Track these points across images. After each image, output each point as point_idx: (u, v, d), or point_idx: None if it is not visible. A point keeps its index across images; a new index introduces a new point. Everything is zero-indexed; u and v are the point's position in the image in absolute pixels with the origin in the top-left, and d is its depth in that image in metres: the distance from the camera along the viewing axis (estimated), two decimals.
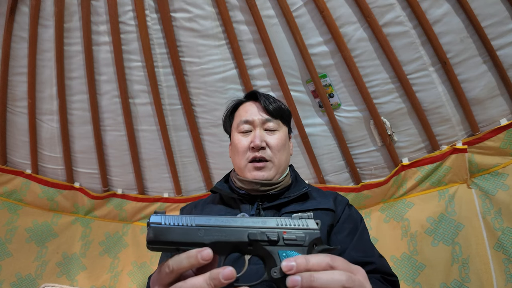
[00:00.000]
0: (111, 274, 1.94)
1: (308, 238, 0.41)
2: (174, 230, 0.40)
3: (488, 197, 1.43)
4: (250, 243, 0.41)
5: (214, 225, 0.41)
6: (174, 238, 0.40)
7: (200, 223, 0.41)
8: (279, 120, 0.88)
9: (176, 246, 0.40)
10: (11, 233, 1.86)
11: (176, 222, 0.41)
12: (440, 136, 1.60)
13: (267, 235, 0.41)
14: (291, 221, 0.43)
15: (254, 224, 0.42)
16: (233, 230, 0.41)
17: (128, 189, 2.11)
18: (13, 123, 1.93)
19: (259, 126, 0.86)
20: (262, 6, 1.59)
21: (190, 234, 0.40)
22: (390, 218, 1.65)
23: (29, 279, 1.82)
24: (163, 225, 0.40)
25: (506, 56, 1.40)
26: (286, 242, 0.41)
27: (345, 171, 1.82)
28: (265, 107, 0.86)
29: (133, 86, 1.84)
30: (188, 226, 0.41)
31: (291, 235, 0.41)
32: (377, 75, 1.59)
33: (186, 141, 1.96)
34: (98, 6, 1.67)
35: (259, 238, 0.41)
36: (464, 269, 1.39)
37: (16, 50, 1.76)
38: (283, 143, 0.86)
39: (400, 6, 1.46)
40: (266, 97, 0.89)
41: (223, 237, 0.40)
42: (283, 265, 0.37)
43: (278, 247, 0.41)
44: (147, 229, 0.41)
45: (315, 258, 0.38)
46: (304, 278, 0.36)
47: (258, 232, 0.41)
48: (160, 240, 0.40)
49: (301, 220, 0.43)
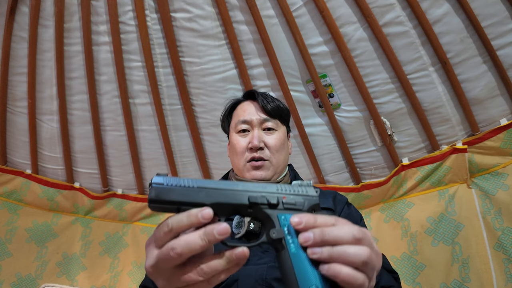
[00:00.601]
0: (111, 274, 1.94)
1: (307, 204, 0.42)
2: (176, 190, 0.40)
3: (488, 197, 1.43)
4: (250, 206, 0.41)
5: (216, 187, 0.42)
6: (175, 198, 0.40)
7: (201, 185, 0.42)
8: (277, 120, 0.87)
9: (177, 206, 0.40)
10: (11, 233, 1.86)
11: (178, 183, 0.41)
12: (440, 136, 1.60)
13: (267, 198, 0.42)
14: (291, 188, 0.44)
15: (254, 188, 0.43)
16: (234, 193, 0.42)
17: (128, 189, 2.11)
18: (13, 123, 1.93)
19: (257, 126, 0.86)
20: (262, 6, 1.59)
21: (191, 194, 0.41)
22: (390, 218, 1.65)
23: (29, 279, 1.82)
24: (165, 185, 0.41)
25: (506, 56, 1.40)
26: (286, 206, 0.42)
27: (345, 171, 1.82)
28: (263, 106, 0.86)
29: (133, 86, 1.84)
30: (189, 187, 0.41)
31: (290, 199, 0.42)
32: (377, 75, 1.59)
33: (186, 141, 1.96)
34: (98, 6, 1.67)
35: (259, 201, 0.41)
36: (464, 269, 1.39)
37: (16, 50, 1.76)
38: (281, 143, 0.85)
39: (400, 6, 1.46)
40: (264, 96, 0.89)
41: (224, 199, 0.41)
42: (293, 220, 0.38)
43: (277, 210, 0.41)
44: (149, 189, 0.41)
45: (322, 217, 0.39)
46: (316, 233, 0.37)
47: (259, 195, 0.42)
48: (161, 199, 0.40)
49: (300, 187, 0.44)
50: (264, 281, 0.68)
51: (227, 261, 0.37)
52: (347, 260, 0.36)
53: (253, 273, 0.70)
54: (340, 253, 0.36)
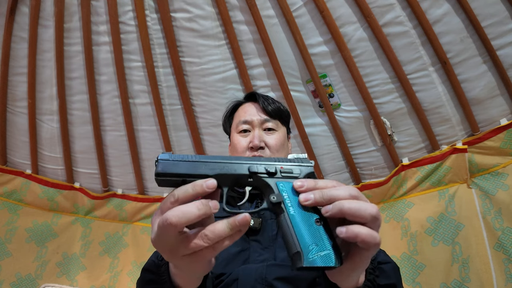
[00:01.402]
0: (110, 274, 1.94)
1: (303, 172, 0.45)
2: (181, 164, 0.44)
3: (488, 197, 1.43)
4: (250, 175, 0.45)
5: (218, 161, 0.45)
6: (180, 171, 0.43)
7: (205, 159, 0.45)
8: (277, 121, 0.89)
9: (182, 178, 0.43)
10: (11, 233, 1.86)
11: (183, 158, 0.45)
12: (440, 136, 1.60)
13: (265, 168, 0.45)
14: (287, 159, 0.47)
15: (254, 161, 0.46)
16: (235, 165, 0.45)
17: (128, 189, 2.11)
18: (13, 123, 1.93)
19: (258, 127, 0.87)
20: (262, 6, 1.59)
21: (195, 167, 0.44)
22: (390, 218, 1.65)
23: (29, 279, 1.81)
24: (170, 160, 0.44)
25: (506, 56, 1.40)
26: (283, 174, 0.45)
27: (345, 171, 1.82)
28: (264, 107, 0.87)
29: (133, 86, 1.84)
30: (193, 161, 0.45)
31: (287, 168, 0.45)
32: (377, 75, 1.59)
33: (186, 141, 1.96)
34: (98, 6, 1.67)
35: (259, 170, 0.45)
36: (464, 269, 1.39)
37: (16, 50, 1.76)
38: (281, 143, 0.86)
39: (400, 6, 1.46)
40: (265, 98, 0.90)
41: (226, 170, 0.44)
42: (295, 184, 0.41)
43: (275, 178, 0.44)
44: (155, 164, 0.44)
45: (323, 181, 0.41)
46: (316, 193, 0.39)
47: (258, 165, 0.45)
48: (167, 172, 0.43)
49: (296, 159, 0.47)
50: (264, 280, 0.68)
51: (230, 227, 0.38)
52: (358, 214, 0.37)
53: (253, 272, 0.70)
54: (351, 206, 0.38)
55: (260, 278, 0.68)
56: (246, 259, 0.74)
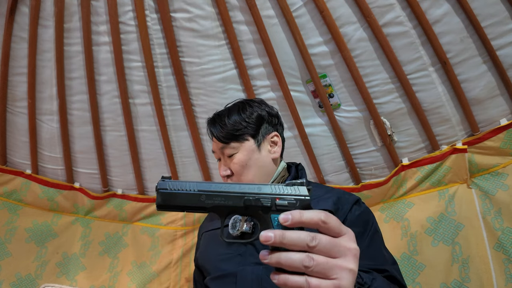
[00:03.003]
0: (110, 274, 1.94)
1: (299, 204, 0.45)
2: (179, 196, 0.47)
3: (488, 197, 1.43)
4: (245, 208, 0.46)
5: (214, 191, 0.47)
6: (179, 203, 0.46)
7: (201, 188, 0.47)
8: (233, 143, 0.86)
9: (181, 209, 0.47)
10: (11, 233, 1.86)
11: (181, 188, 0.47)
12: (440, 136, 1.60)
13: (261, 201, 0.45)
14: (283, 188, 0.46)
15: (250, 190, 0.46)
16: (231, 196, 0.46)
17: (128, 189, 2.11)
18: (13, 123, 1.93)
19: (221, 155, 0.89)
20: (262, 6, 1.59)
21: (193, 199, 0.46)
22: (390, 218, 1.65)
23: (29, 279, 1.82)
24: (169, 190, 0.47)
25: (506, 56, 1.40)
26: (278, 207, 0.45)
27: (345, 171, 1.82)
28: (216, 136, 0.88)
29: (133, 86, 1.84)
30: (191, 191, 0.47)
31: (283, 201, 0.45)
32: (377, 75, 1.59)
33: (186, 141, 1.96)
34: (98, 6, 1.67)
35: (254, 204, 0.45)
36: (464, 269, 1.39)
37: (16, 51, 1.76)
38: (243, 165, 0.85)
39: (400, 6, 1.46)
40: (218, 121, 0.89)
41: (222, 202, 0.46)
42: (281, 217, 0.41)
43: (271, 211, 0.45)
44: (156, 194, 0.47)
45: (309, 213, 0.41)
46: (276, 236, 0.39)
47: (253, 198, 0.45)
48: (167, 204, 0.46)
49: (293, 188, 0.46)
50: (260, 282, 0.69)
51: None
52: (290, 263, 0.39)
53: (249, 273, 0.71)
54: (286, 258, 0.39)
55: (256, 279, 0.70)
56: (242, 262, 0.75)
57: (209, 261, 0.83)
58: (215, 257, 0.81)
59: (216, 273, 0.78)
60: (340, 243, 0.41)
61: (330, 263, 0.39)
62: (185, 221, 2.05)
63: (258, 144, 0.88)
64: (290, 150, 1.81)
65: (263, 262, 0.41)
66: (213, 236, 0.87)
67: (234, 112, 0.89)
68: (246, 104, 0.92)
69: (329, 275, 0.39)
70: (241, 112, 0.89)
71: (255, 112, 0.90)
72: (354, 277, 0.41)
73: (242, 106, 0.91)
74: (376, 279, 0.61)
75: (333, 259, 0.40)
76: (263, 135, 0.89)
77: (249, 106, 0.91)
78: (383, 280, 0.65)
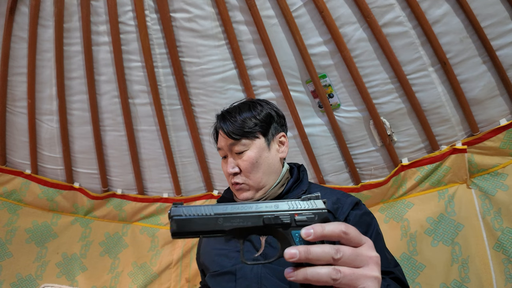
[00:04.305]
0: (111, 274, 1.94)
1: (317, 218, 0.45)
2: (195, 221, 0.44)
3: (488, 197, 1.43)
4: (265, 227, 0.45)
5: (232, 213, 0.45)
6: (196, 228, 0.44)
7: (218, 211, 0.45)
8: (244, 139, 0.85)
9: (198, 235, 0.44)
10: (11, 234, 1.86)
11: (196, 213, 0.44)
12: (440, 136, 1.60)
13: (280, 218, 0.45)
14: (301, 203, 0.46)
15: (268, 209, 0.46)
16: (249, 216, 0.45)
17: (127, 189, 2.11)
18: (13, 123, 1.93)
19: (229, 152, 0.87)
20: (262, 6, 1.59)
21: (210, 223, 0.44)
22: (390, 219, 1.65)
23: (29, 280, 1.82)
24: (184, 217, 0.44)
25: (505, 56, 1.40)
26: (298, 223, 0.45)
27: (345, 171, 1.82)
28: (226, 132, 0.85)
29: (132, 86, 1.84)
30: (207, 215, 0.44)
31: (302, 216, 0.45)
32: (377, 75, 1.59)
33: (186, 141, 1.96)
34: (97, 6, 1.67)
35: (273, 222, 0.45)
36: (463, 269, 1.39)
37: (15, 50, 1.76)
38: (253, 162, 0.84)
39: (399, 7, 1.46)
40: (229, 117, 0.87)
41: (241, 223, 0.45)
42: (303, 232, 0.41)
43: (291, 228, 0.44)
44: (170, 222, 0.44)
45: (331, 226, 0.41)
46: (301, 252, 0.39)
47: (272, 216, 0.45)
48: (183, 231, 0.44)
49: (310, 202, 0.47)
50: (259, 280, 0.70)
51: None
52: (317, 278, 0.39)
53: (249, 272, 0.72)
54: (313, 274, 0.39)
55: (256, 277, 0.70)
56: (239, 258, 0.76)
57: (207, 256, 0.86)
58: (213, 252, 0.84)
59: (215, 269, 0.79)
60: (362, 253, 0.42)
61: (356, 274, 0.40)
62: None
63: (268, 143, 0.88)
64: (290, 150, 1.81)
65: (289, 280, 0.40)
66: None
67: (245, 109, 0.88)
68: (256, 103, 0.92)
69: (356, 285, 0.40)
70: (252, 110, 0.88)
71: (265, 110, 0.89)
72: (379, 284, 0.42)
73: (252, 104, 0.90)
74: (391, 285, 0.62)
75: (357, 269, 0.41)
76: (272, 134, 0.90)
77: (259, 105, 0.91)
78: (396, 286, 0.66)
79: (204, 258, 0.88)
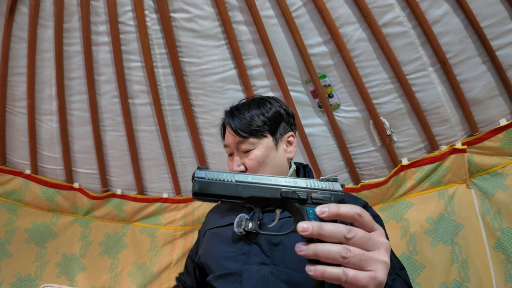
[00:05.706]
0: (111, 274, 1.94)
1: (334, 199, 0.46)
2: (217, 185, 0.46)
3: (488, 197, 1.43)
4: (282, 200, 0.46)
5: (252, 182, 0.47)
6: (216, 191, 0.46)
7: (239, 179, 0.47)
8: (252, 138, 0.84)
9: (217, 198, 0.46)
10: (11, 233, 1.85)
11: (218, 177, 0.46)
12: (440, 136, 1.60)
13: (297, 193, 0.46)
14: (319, 183, 0.47)
15: (286, 183, 0.47)
16: (268, 188, 0.46)
17: (127, 189, 2.11)
18: (13, 123, 1.93)
19: (235, 150, 0.86)
20: (262, 7, 1.59)
21: (230, 188, 0.46)
22: (390, 219, 1.65)
23: (29, 280, 1.81)
24: (206, 179, 0.46)
25: (505, 56, 1.40)
26: (314, 201, 0.46)
27: (345, 171, 1.82)
28: (234, 129, 0.84)
29: (132, 87, 1.84)
30: (228, 181, 0.46)
31: (318, 195, 0.46)
32: (377, 75, 1.59)
33: (186, 141, 1.96)
34: (97, 6, 1.66)
35: (290, 196, 0.46)
36: (463, 269, 1.39)
37: (15, 51, 1.76)
38: (260, 162, 0.83)
39: (399, 7, 1.46)
40: (237, 114, 0.86)
41: (259, 193, 0.46)
42: (317, 209, 0.42)
43: (306, 204, 0.45)
44: (193, 182, 0.46)
45: (346, 207, 0.42)
46: (314, 227, 0.40)
47: (290, 190, 0.46)
48: (203, 192, 0.46)
49: (328, 183, 0.48)
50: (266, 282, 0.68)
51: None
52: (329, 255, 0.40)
53: (255, 273, 0.70)
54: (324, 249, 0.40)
55: (262, 279, 0.69)
56: (246, 261, 0.75)
57: (212, 258, 0.82)
58: (219, 254, 0.81)
59: (220, 271, 0.77)
60: (373, 237, 0.42)
61: (365, 255, 0.40)
62: (185, 221, 2.05)
63: (276, 143, 0.87)
64: None
65: (299, 254, 0.41)
66: (217, 233, 0.86)
67: (254, 106, 0.87)
68: (266, 100, 0.90)
69: (364, 266, 0.40)
70: (261, 107, 0.87)
71: (275, 108, 0.88)
72: (387, 269, 0.42)
73: (262, 101, 0.89)
74: (396, 280, 0.62)
75: (368, 251, 0.41)
76: (281, 134, 0.88)
77: (268, 102, 0.89)
78: (402, 281, 0.66)
79: (207, 259, 0.84)
